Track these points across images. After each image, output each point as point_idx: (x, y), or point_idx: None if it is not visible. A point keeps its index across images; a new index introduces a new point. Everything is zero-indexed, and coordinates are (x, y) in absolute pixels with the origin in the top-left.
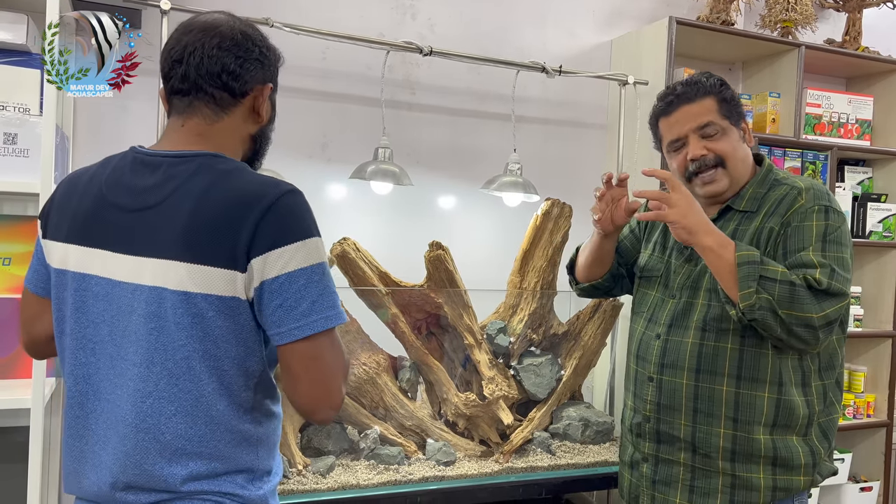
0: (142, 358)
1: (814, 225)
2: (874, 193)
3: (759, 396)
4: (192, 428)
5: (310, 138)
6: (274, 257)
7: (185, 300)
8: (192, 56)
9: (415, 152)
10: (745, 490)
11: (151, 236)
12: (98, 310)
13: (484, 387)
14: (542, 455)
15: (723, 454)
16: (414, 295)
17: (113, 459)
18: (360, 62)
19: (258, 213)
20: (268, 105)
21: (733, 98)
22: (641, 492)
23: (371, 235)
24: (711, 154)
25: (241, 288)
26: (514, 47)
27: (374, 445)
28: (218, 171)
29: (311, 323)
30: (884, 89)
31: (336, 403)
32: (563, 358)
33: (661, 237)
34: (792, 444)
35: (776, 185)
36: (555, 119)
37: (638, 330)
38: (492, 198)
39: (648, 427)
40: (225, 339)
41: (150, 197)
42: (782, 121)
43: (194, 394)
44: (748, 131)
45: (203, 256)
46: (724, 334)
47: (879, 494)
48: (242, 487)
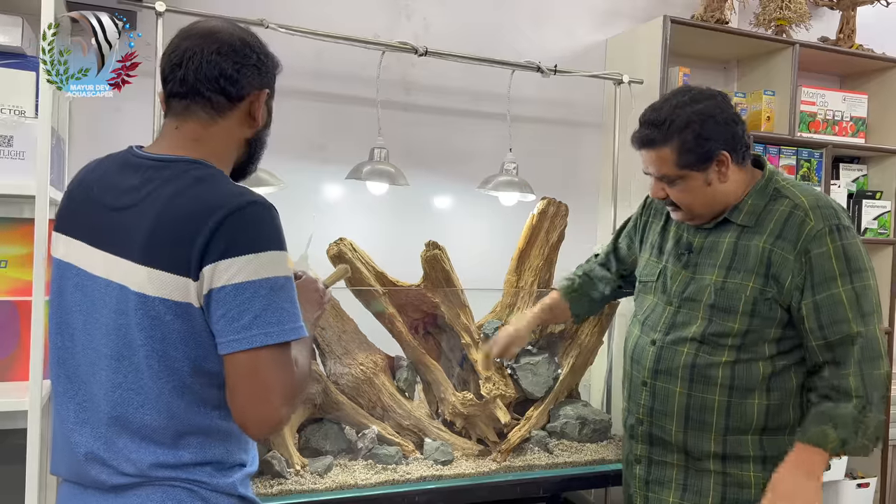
0: (111, 350)
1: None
2: (869, 190)
3: (749, 404)
4: (156, 420)
5: (305, 139)
6: (223, 267)
7: (144, 302)
8: (191, 60)
9: (411, 152)
10: (736, 487)
11: (123, 237)
12: (75, 299)
13: (481, 386)
14: (540, 454)
15: (714, 457)
16: (411, 295)
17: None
18: (355, 63)
19: (214, 222)
20: (264, 110)
21: (699, 143)
22: (635, 492)
23: (368, 235)
24: (669, 198)
25: (194, 295)
26: (509, 47)
27: (372, 445)
28: (189, 177)
29: (251, 337)
30: (878, 87)
31: (272, 422)
32: (560, 357)
33: (658, 239)
34: (782, 442)
35: (777, 197)
36: (550, 119)
37: (634, 333)
38: (488, 197)
39: (641, 430)
40: (183, 342)
41: (127, 198)
42: (777, 119)
43: (155, 390)
44: (727, 163)
45: (161, 262)
46: (720, 349)
47: (876, 491)
48: (211, 476)
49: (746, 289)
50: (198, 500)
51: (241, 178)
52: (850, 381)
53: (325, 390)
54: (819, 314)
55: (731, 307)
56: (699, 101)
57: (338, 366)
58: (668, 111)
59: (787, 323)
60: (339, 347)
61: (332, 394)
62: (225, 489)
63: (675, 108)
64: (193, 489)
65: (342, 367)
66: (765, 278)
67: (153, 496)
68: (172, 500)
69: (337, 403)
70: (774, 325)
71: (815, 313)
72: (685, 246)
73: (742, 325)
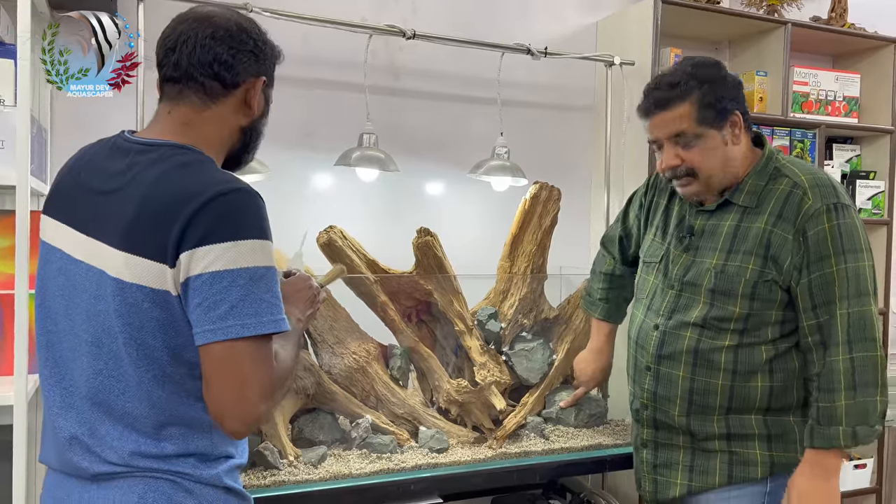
0: (91, 336)
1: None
2: (863, 171)
3: (752, 387)
4: (138, 409)
5: (293, 126)
6: (200, 254)
7: (122, 289)
8: (186, 45)
9: (400, 138)
10: (742, 465)
11: (106, 221)
12: (59, 283)
13: (475, 373)
14: (536, 440)
15: (718, 437)
16: (403, 282)
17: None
18: (342, 47)
19: (193, 208)
20: (261, 98)
21: (714, 97)
22: (643, 475)
23: (358, 223)
24: (684, 164)
25: (171, 282)
26: (498, 30)
27: (366, 434)
28: (174, 162)
29: (227, 328)
30: (871, 66)
31: (248, 417)
32: (554, 342)
33: (662, 220)
34: (787, 421)
35: (777, 176)
36: (541, 102)
37: (638, 317)
38: (479, 183)
39: (646, 414)
40: (162, 330)
41: (112, 182)
42: (770, 99)
43: (136, 378)
44: (740, 124)
45: (138, 247)
46: (722, 333)
47: (873, 472)
48: (194, 467)
49: (746, 271)
50: (181, 491)
51: (235, 168)
52: (839, 366)
53: (317, 380)
54: (812, 294)
55: (731, 290)
56: (708, 66)
57: (330, 355)
58: (681, 74)
59: (787, 304)
60: (331, 336)
61: (324, 384)
62: (209, 480)
63: (686, 71)
64: (177, 481)
65: (335, 356)
66: (764, 259)
67: (135, 487)
68: (154, 491)
69: (330, 393)
70: (776, 307)
71: (808, 293)
72: (687, 229)
73: (743, 308)
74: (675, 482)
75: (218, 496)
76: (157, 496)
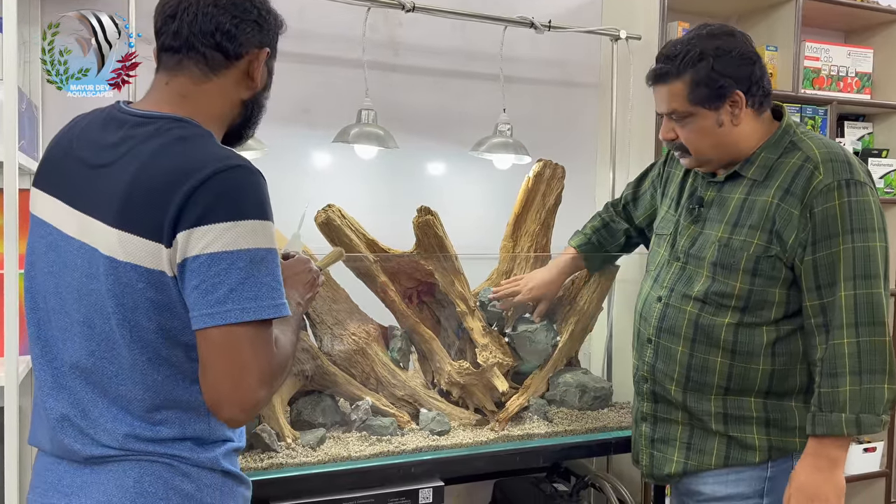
0: (83, 316)
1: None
2: (875, 149)
3: (752, 369)
4: (132, 391)
5: (290, 103)
6: (199, 234)
7: (115, 268)
8: (186, 12)
9: (400, 115)
10: (740, 448)
11: (98, 196)
12: (49, 260)
13: (477, 354)
14: (539, 422)
15: (715, 417)
16: (403, 262)
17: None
18: (339, 22)
19: (191, 185)
20: (264, 70)
21: (713, 77)
22: (640, 450)
23: (357, 202)
24: (678, 139)
25: (166, 263)
26: (500, 3)
27: (366, 417)
28: (172, 136)
29: (225, 312)
30: (884, 41)
31: (246, 404)
32: (558, 324)
33: (676, 192)
34: (787, 406)
35: (791, 150)
36: (545, 78)
37: (644, 288)
38: (481, 161)
39: (646, 387)
40: (156, 311)
41: (106, 155)
42: (780, 75)
43: (129, 360)
44: (741, 104)
45: (133, 225)
46: (723, 310)
47: (883, 455)
48: (191, 451)
49: (750, 246)
50: (178, 475)
51: (236, 143)
52: (844, 349)
53: (316, 362)
54: (816, 273)
55: (733, 265)
56: (717, 36)
57: (329, 337)
58: (684, 45)
59: (791, 283)
60: (330, 318)
61: (324, 365)
62: (207, 464)
63: (690, 42)
64: (173, 464)
65: (334, 337)
66: (769, 234)
67: (130, 471)
68: (151, 475)
69: (329, 375)
70: (778, 285)
71: (813, 272)
72: (696, 199)
73: (744, 283)
74: (671, 458)
75: (215, 479)
76: (154, 480)
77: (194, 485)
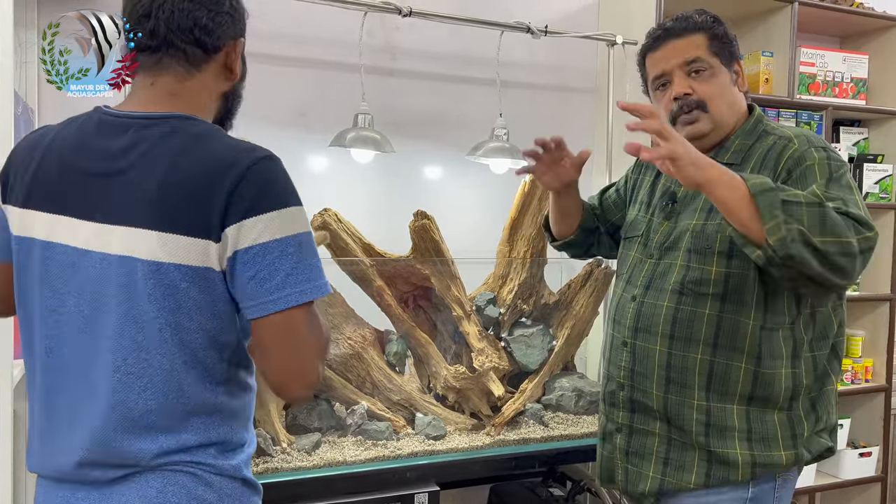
0: (112, 330)
1: (815, 164)
2: (870, 154)
3: (734, 367)
4: (162, 403)
5: (286, 107)
6: (248, 226)
7: (157, 271)
8: (162, 10)
9: (397, 120)
10: (722, 465)
11: (119, 203)
12: (63, 280)
13: (473, 359)
14: (535, 427)
15: (696, 427)
16: (399, 266)
17: (80, 438)
18: (336, 26)
19: (233, 180)
20: (240, 61)
21: (726, 36)
22: (615, 465)
23: (353, 205)
24: (695, 95)
25: (215, 258)
26: (497, 8)
27: (362, 421)
28: (190, 134)
29: (286, 297)
30: (879, 47)
31: (310, 381)
32: (554, 328)
33: (646, 196)
34: (769, 418)
35: (764, 136)
36: (541, 83)
37: (616, 293)
38: (478, 165)
39: (622, 395)
40: (199, 311)
41: (117, 161)
42: (776, 80)
43: (165, 367)
44: (741, 74)
45: (175, 225)
46: (702, 299)
47: (878, 460)
48: (215, 458)
49: (726, 228)
50: (201, 484)
51: None
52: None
53: None
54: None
55: (707, 249)
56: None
57: None
58: (687, 13)
59: None
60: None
61: None
62: (230, 472)
63: (691, 11)
64: (197, 473)
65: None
66: None
67: (153, 483)
68: (174, 485)
69: (325, 379)
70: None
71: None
72: (669, 196)
73: (720, 267)
74: (646, 474)
75: (235, 489)
76: (177, 490)
77: (216, 494)
